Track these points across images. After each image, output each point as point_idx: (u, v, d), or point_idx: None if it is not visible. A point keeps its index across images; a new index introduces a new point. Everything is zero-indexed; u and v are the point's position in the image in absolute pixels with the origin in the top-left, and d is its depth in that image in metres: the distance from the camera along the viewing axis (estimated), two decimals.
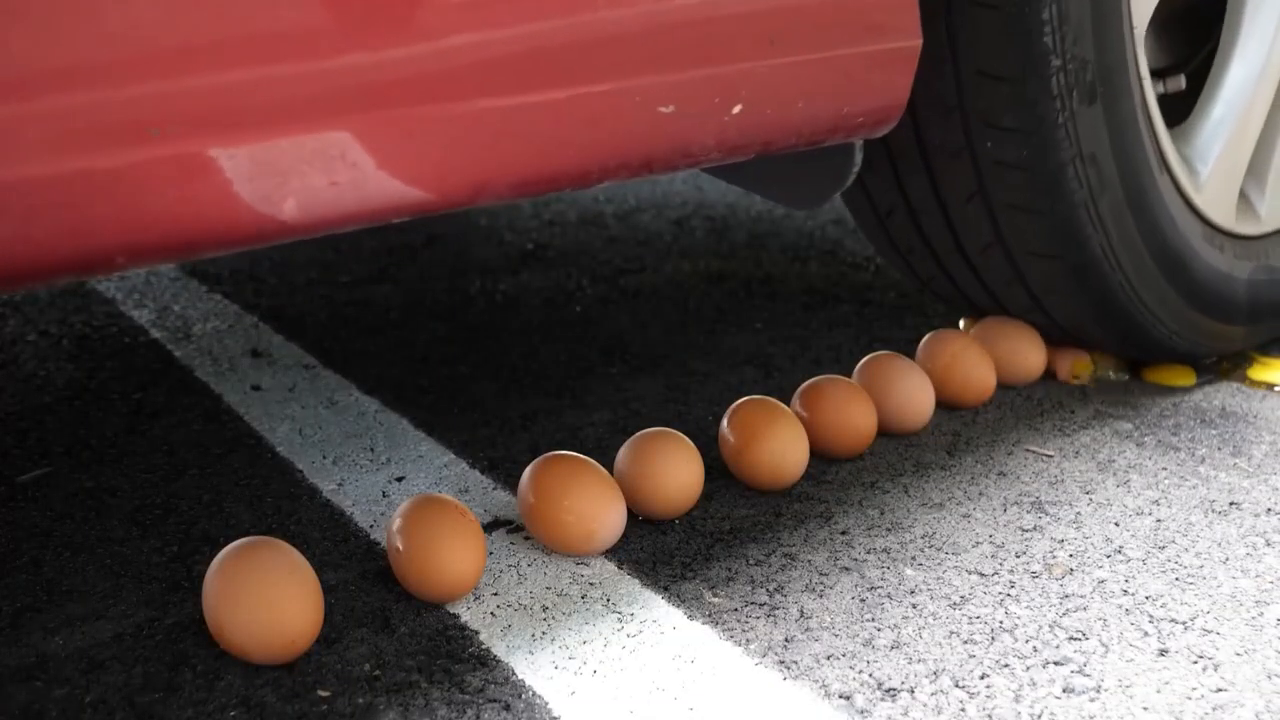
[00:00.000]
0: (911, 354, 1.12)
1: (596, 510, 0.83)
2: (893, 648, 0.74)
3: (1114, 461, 0.99)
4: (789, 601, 0.79)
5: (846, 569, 0.83)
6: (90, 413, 1.13)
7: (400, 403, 1.14)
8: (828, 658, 0.73)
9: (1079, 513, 0.91)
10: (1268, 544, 0.86)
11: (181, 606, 0.80)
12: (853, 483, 0.96)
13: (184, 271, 1.61)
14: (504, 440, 1.05)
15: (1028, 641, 0.74)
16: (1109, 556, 0.85)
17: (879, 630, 0.76)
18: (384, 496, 0.95)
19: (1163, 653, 0.73)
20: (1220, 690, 0.70)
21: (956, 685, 0.70)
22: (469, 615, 0.78)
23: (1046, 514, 0.91)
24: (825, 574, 0.83)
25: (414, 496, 0.82)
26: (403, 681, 0.71)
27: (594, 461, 0.86)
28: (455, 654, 0.74)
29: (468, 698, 0.70)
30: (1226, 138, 1.09)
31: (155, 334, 1.36)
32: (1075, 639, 0.75)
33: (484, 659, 0.73)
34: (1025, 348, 1.14)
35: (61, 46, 0.53)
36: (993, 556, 0.85)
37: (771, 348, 1.27)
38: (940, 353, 1.09)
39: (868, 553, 0.85)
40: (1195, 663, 0.72)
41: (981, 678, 0.71)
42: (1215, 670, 0.72)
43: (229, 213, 0.58)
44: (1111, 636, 0.75)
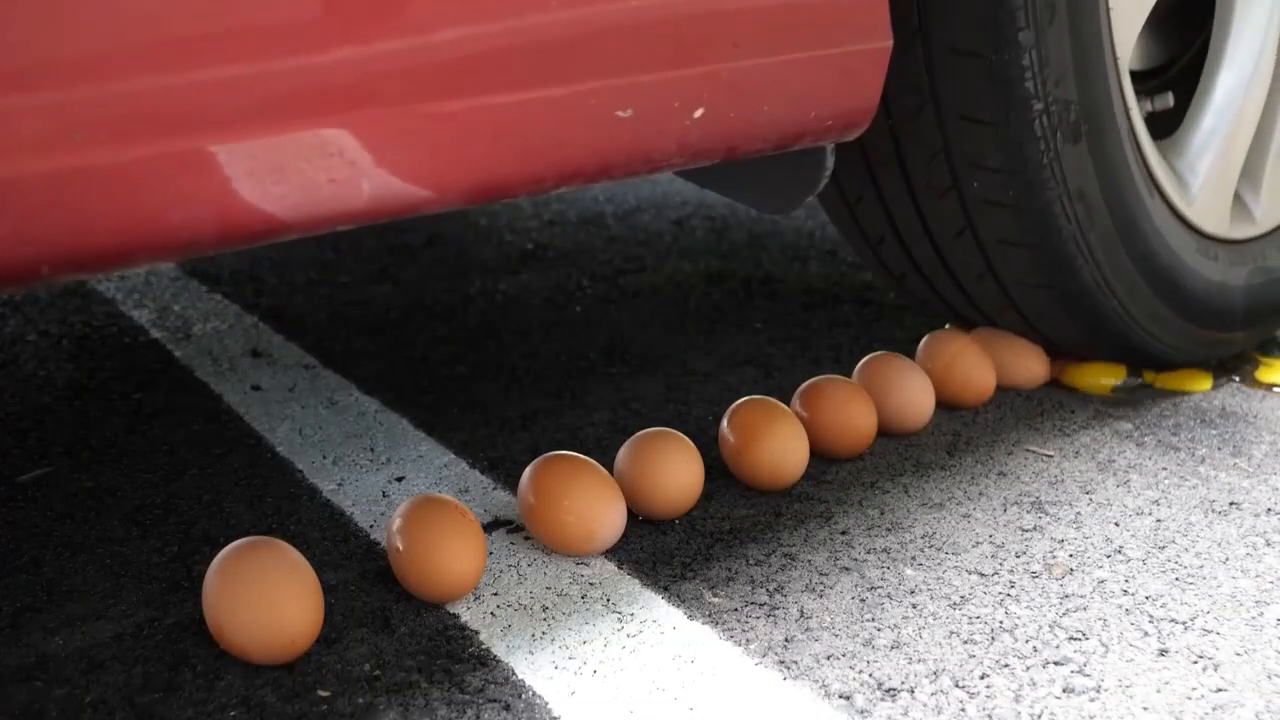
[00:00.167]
0: (911, 354, 1.12)
1: (596, 510, 0.83)
2: (893, 648, 0.74)
3: (1114, 461, 0.99)
4: (789, 601, 0.79)
5: (846, 569, 0.83)
6: (90, 413, 1.13)
7: (400, 403, 1.14)
8: (828, 658, 0.73)
9: (1079, 513, 0.91)
10: (1268, 544, 0.86)
11: (181, 606, 0.80)
12: (853, 483, 0.96)
13: (184, 271, 1.60)
14: (504, 440, 1.05)
15: (1028, 641, 0.74)
16: (1109, 556, 0.85)
17: (879, 630, 0.76)
18: (384, 496, 0.95)
19: (1163, 653, 0.73)
20: (1220, 690, 0.70)
21: (956, 685, 0.70)
22: (469, 615, 0.78)
23: (1046, 514, 0.91)
24: (825, 574, 0.83)
25: (414, 496, 0.82)
26: (403, 681, 0.71)
27: (594, 461, 0.86)
28: (455, 654, 0.74)
29: (468, 698, 0.70)
30: (1219, 147, 1.08)
31: (155, 334, 1.36)
32: (1075, 639, 0.75)
33: (484, 659, 0.73)
34: (1027, 354, 1.14)
35: (54, 40, 0.52)
36: (993, 556, 0.85)
37: (771, 348, 1.27)
38: (940, 353, 1.09)
39: (868, 553, 0.85)
40: (1195, 663, 0.72)
41: (981, 678, 0.71)
42: (1215, 670, 0.72)
43: (226, 210, 0.58)
44: (1111, 636, 0.75)
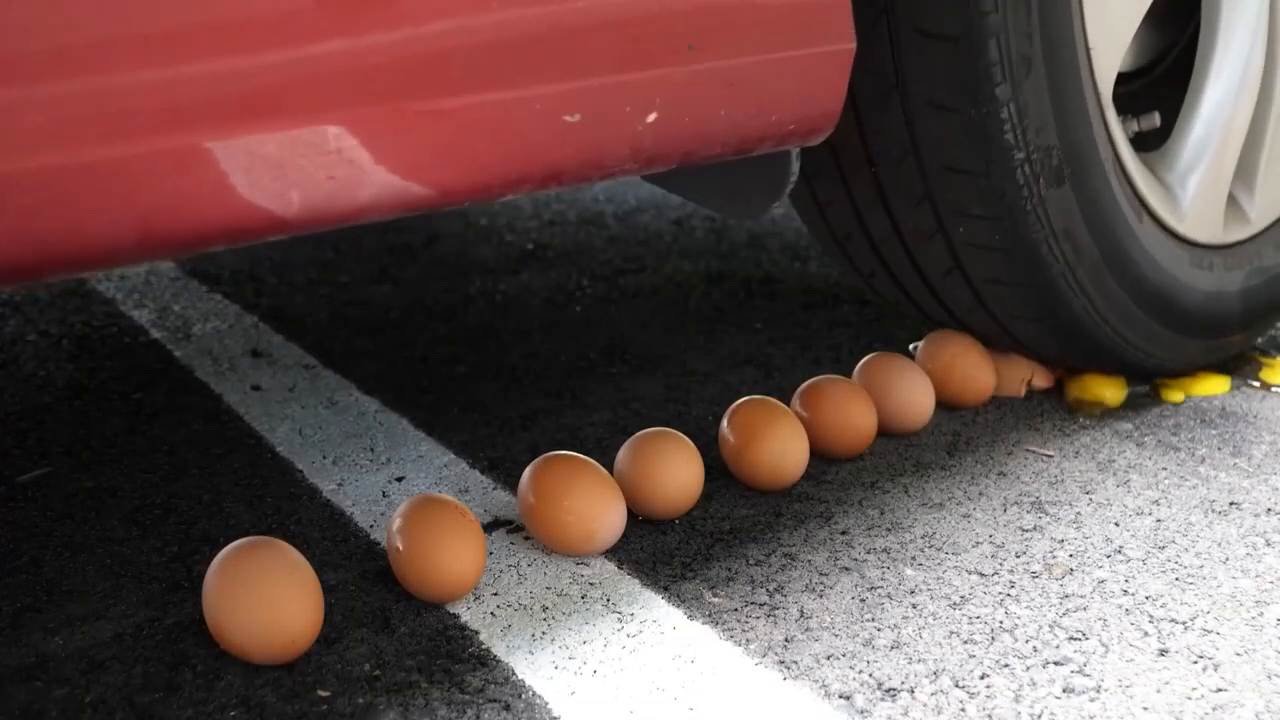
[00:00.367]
0: (911, 354, 1.12)
1: (596, 510, 0.83)
2: (893, 648, 0.74)
3: (1114, 461, 0.99)
4: (789, 601, 0.79)
5: (846, 569, 0.83)
6: (90, 413, 1.13)
7: (400, 403, 1.14)
8: (828, 658, 0.73)
9: (1079, 513, 0.91)
10: (1268, 544, 0.86)
11: (181, 606, 0.80)
12: (853, 483, 0.96)
13: (184, 271, 1.60)
14: (504, 440, 1.05)
15: (1028, 641, 0.74)
16: (1109, 556, 0.85)
17: (879, 630, 0.76)
18: (384, 496, 0.95)
19: (1163, 653, 0.73)
20: (1220, 690, 0.70)
21: (956, 685, 0.70)
22: (469, 615, 0.78)
23: (1046, 514, 0.91)
24: (825, 574, 0.83)
25: (414, 496, 0.82)
26: (403, 681, 0.71)
27: (594, 461, 0.86)
28: (455, 654, 0.74)
29: (468, 698, 0.70)
30: (1210, 155, 1.07)
31: (155, 334, 1.36)
32: (1075, 639, 0.75)
33: (484, 659, 0.73)
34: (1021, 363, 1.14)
35: (48, 34, 0.52)
36: (993, 556, 0.85)
37: (771, 348, 1.27)
38: (940, 353, 1.09)
39: (868, 553, 0.85)
40: (1195, 663, 0.72)
41: (981, 678, 0.71)
42: (1215, 670, 0.72)
43: (223, 207, 0.58)
44: (1111, 636, 0.75)
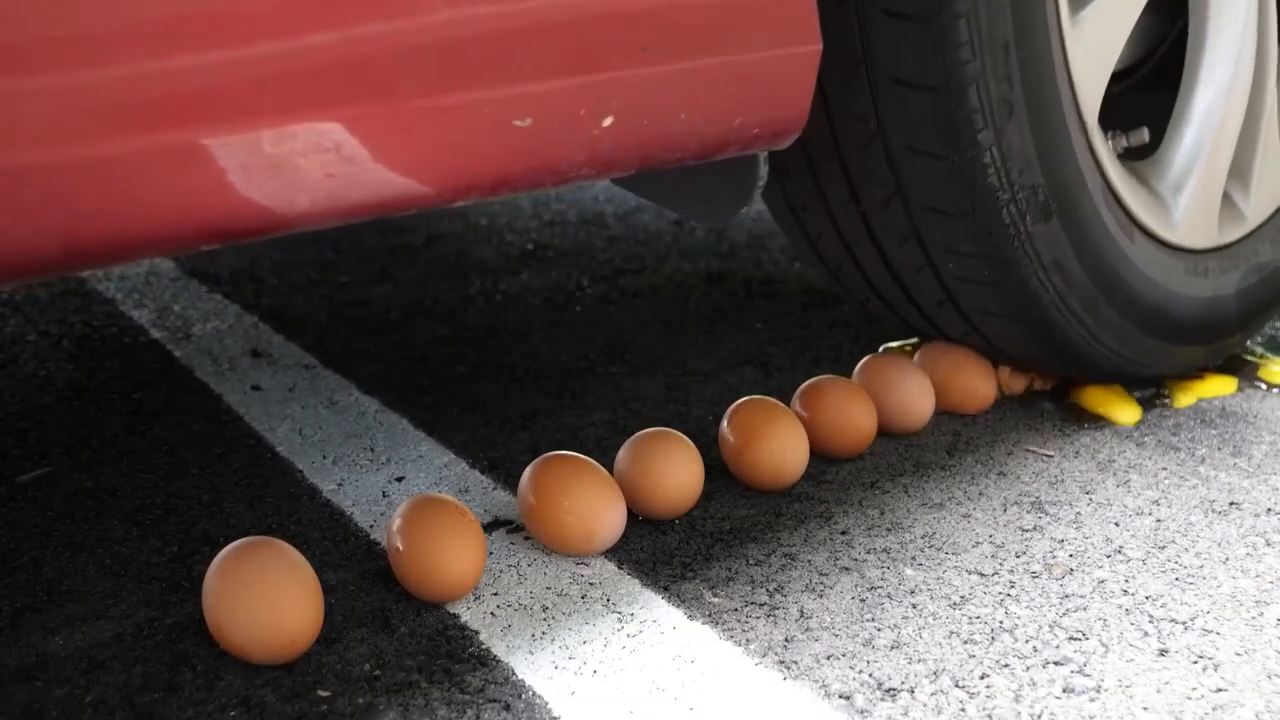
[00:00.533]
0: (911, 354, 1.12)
1: (596, 510, 0.83)
2: (893, 648, 0.74)
3: (1114, 461, 0.99)
4: (789, 601, 0.79)
5: (846, 569, 0.83)
6: (90, 413, 1.13)
7: (400, 403, 1.14)
8: (828, 658, 0.73)
9: (1079, 513, 0.91)
10: (1268, 544, 0.86)
11: (181, 606, 0.80)
12: (853, 483, 0.96)
13: (184, 271, 1.60)
14: (504, 440, 1.05)
15: (1028, 641, 0.74)
16: (1109, 556, 0.85)
17: (879, 630, 0.76)
18: (384, 496, 0.95)
19: (1163, 653, 0.73)
20: (1220, 690, 0.70)
21: (956, 685, 0.70)
22: (469, 615, 0.78)
23: (1046, 514, 0.91)
24: (825, 574, 0.83)
25: (414, 496, 0.82)
26: (403, 681, 0.71)
27: (594, 461, 0.86)
28: (455, 654, 0.74)
29: (468, 698, 0.70)
30: (1203, 161, 1.06)
31: (155, 334, 1.36)
32: (1075, 639, 0.75)
33: (484, 659, 0.73)
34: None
35: (45, 28, 0.52)
36: (993, 556, 0.85)
37: (771, 348, 1.27)
38: (940, 360, 1.09)
39: (868, 553, 0.85)
40: (1195, 663, 0.72)
41: (981, 678, 0.71)
42: (1215, 670, 0.72)
43: (222, 205, 0.58)
44: (1111, 636, 0.75)
